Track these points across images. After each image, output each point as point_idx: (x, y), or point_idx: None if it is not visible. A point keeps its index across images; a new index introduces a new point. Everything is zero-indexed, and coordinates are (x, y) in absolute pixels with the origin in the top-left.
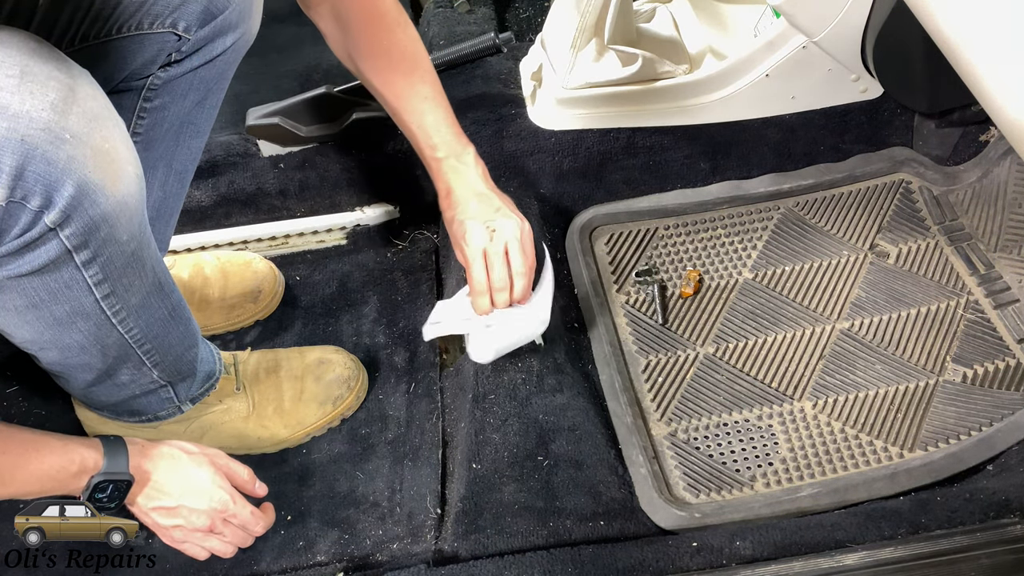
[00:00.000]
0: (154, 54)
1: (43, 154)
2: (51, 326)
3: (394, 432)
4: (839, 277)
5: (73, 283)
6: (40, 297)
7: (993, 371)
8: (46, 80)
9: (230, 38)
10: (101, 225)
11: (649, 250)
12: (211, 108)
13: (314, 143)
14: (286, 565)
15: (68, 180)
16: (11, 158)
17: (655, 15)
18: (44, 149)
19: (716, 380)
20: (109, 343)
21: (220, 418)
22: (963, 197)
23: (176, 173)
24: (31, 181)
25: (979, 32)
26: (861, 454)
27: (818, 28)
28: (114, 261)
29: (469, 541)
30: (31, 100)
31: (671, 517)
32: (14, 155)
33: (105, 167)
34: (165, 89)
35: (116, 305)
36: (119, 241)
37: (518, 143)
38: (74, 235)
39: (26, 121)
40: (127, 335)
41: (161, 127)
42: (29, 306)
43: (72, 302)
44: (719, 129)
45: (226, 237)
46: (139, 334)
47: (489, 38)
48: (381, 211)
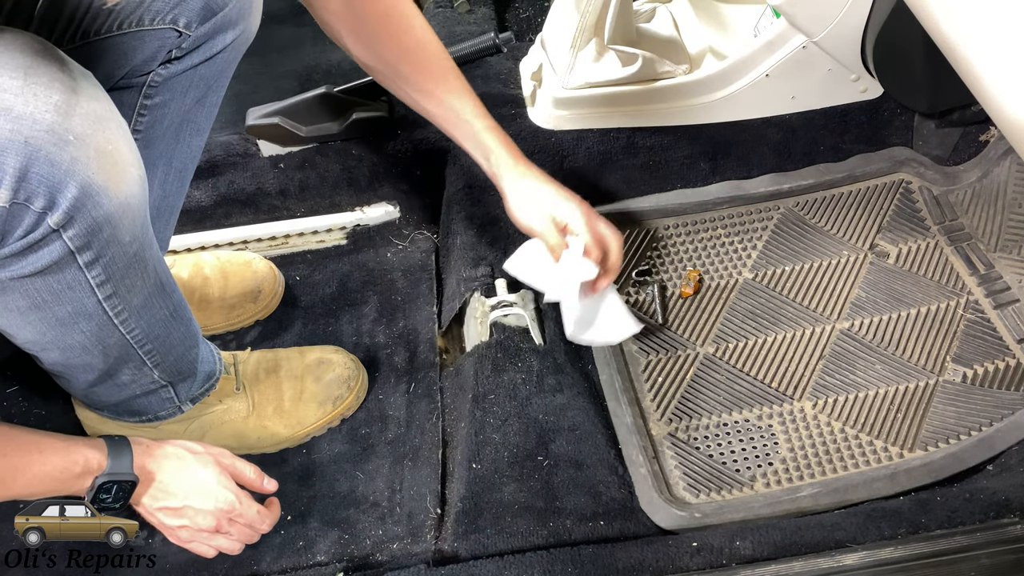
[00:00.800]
0: (155, 51)
1: (47, 156)
2: (53, 327)
3: (394, 432)
4: (839, 277)
5: (76, 284)
6: (43, 298)
7: (993, 371)
8: (49, 82)
9: (230, 35)
10: (104, 226)
11: (649, 250)
12: (211, 106)
13: (314, 143)
14: (286, 565)
15: (71, 181)
16: (15, 159)
17: (655, 15)
18: (48, 151)
19: (716, 380)
20: (111, 343)
21: (220, 418)
22: (963, 197)
23: (176, 172)
24: (35, 182)
25: (979, 32)
26: (861, 454)
27: (818, 28)
28: (116, 262)
29: (469, 541)
30: (35, 102)
31: (671, 517)
32: (18, 156)
33: (108, 168)
34: (165, 86)
35: (118, 306)
36: (122, 242)
37: (518, 143)
38: (77, 236)
39: (30, 123)
40: (129, 335)
41: (161, 124)
42: (32, 307)
43: (74, 303)
44: (719, 129)
45: (226, 237)
46: (141, 335)
47: (489, 38)
48: (381, 211)
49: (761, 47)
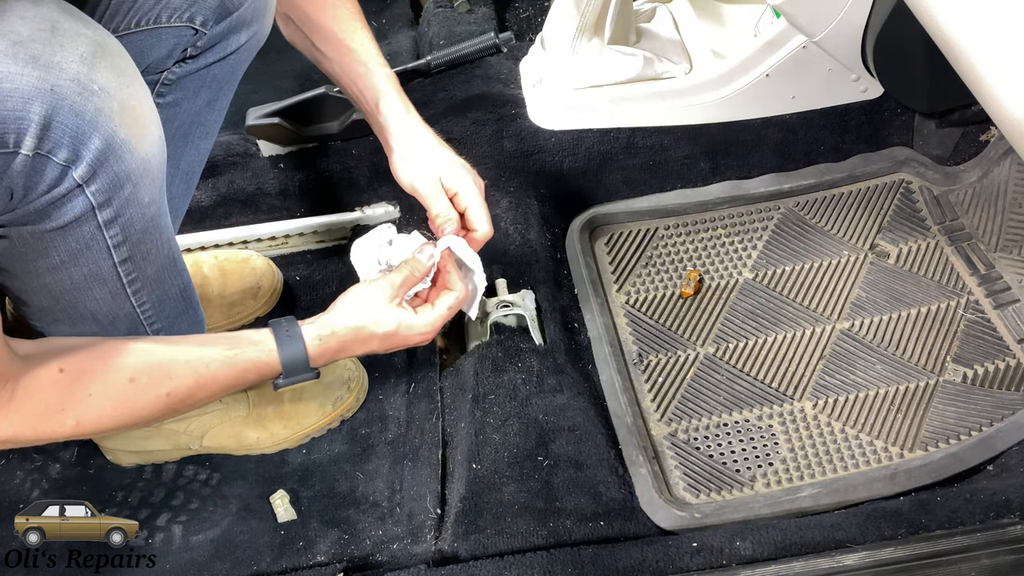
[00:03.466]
0: (170, 48)
1: (71, 105)
2: (68, 290)
3: (394, 432)
4: (839, 277)
5: (93, 243)
6: (60, 258)
7: (993, 371)
8: (75, 35)
9: (244, 35)
10: (125, 183)
11: (649, 250)
12: (220, 109)
13: (314, 143)
14: (286, 565)
15: (95, 133)
16: (40, 107)
17: (655, 15)
18: (73, 100)
19: (716, 380)
20: (121, 316)
21: (220, 417)
22: (963, 197)
23: (183, 174)
24: (59, 132)
25: (979, 32)
26: (861, 454)
27: (818, 28)
28: (134, 223)
29: (469, 541)
30: (61, 52)
31: (671, 517)
32: (43, 104)
33: (131, 123)
34: (178, 85)
35: (132, 273)
36: (141, 202)
37: (518, 143)
38: (99, 192)
39: (56, 71)
40: (139, 309)
41: (172, 125)
42: (49, 268)
43: (91, 264)
44: (719, 129)
45: (226, 237)
46: (151, 311)
47: (489, 38)
48: (381, 211)
49: (761, 47)
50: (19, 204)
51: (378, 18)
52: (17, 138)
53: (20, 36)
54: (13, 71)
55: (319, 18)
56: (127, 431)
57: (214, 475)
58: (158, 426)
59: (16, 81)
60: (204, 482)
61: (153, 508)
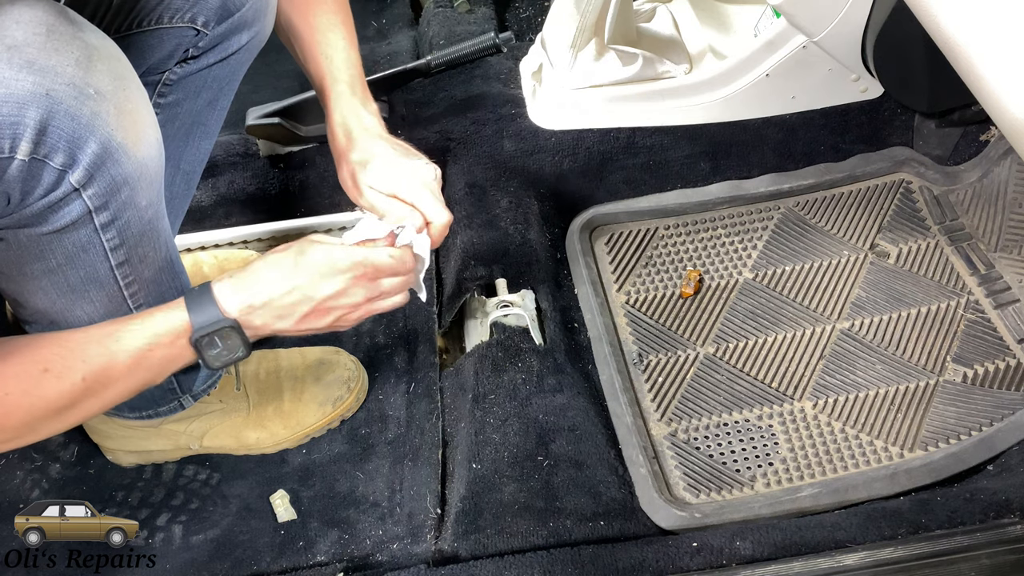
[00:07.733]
0: (172, 48)
1: (67, 109)
2: (65, 293)
3: (394, 432)
4: (839, 277)
5: (90, 246)
6: (57, 261)
7: (993, 371)
8: (71, 39)
9: (245, 36)
10: (122, 186)
11: (649, 250)
12: (221, 110)
13: (314, 143)
14: (286, 565)
15: (92, 137)
16: (36, 112)
17: (655, 15)
18: (68, 104)
19: (716, 380)
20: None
21: (220, 418)
22: (963, 197)
23: (184, 174)
24: (55, 136)
25: (979, 32)
26: (861, 454)
27: (818, 28)
28: (131, 227)
29: (469, 541)
30: (56, 56)
31: (671, 517)
32: (39, 109)
33: (128, 127)
34: (180, 85)
35: (129, 276)
36: (138, 206)
37: (518, 143)
38: (96, 195)
39: (52, 75)
40: (136, 311)
41: (173, 124)
42: (46, 271)
43: (87, 267)
44: (719, 129)
45: (226, 237)
46: None
47: (489, 38)
48: None
49: (761, 47)
50: (16, 208)
51: (378, 18)
52: (13, 143)
53: (15, 40)
54: (8, 76)
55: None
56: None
57: (214, 475)
58: (159, 425)
59: (11, 86)
60: (204, 482)
61: (153, 508)
